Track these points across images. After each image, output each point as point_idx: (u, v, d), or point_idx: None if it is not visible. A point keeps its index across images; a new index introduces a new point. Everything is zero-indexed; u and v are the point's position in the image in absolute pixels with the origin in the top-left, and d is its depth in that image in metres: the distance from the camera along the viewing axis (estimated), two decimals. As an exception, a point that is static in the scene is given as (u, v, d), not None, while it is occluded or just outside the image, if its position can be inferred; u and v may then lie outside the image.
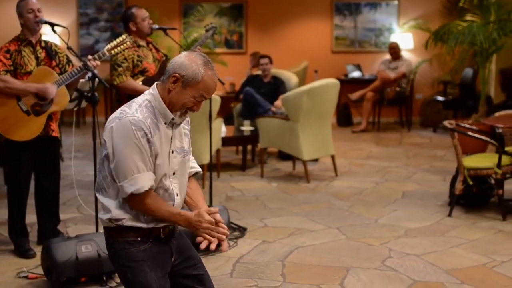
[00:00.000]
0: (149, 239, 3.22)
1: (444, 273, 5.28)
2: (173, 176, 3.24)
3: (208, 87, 3.13)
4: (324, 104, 8.52)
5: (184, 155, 3.28)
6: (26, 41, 5.68)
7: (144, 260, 3.19)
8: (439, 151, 10.72)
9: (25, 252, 5.71)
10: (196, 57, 3.14)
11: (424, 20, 13.60)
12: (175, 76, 3.12)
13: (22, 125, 5.56)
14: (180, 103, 3.14)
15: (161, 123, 3.16)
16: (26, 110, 5.57)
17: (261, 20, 14.40)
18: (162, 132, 3.16)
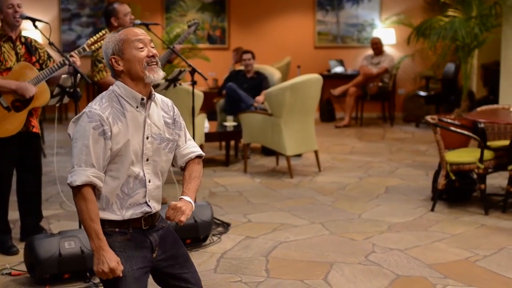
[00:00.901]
0: (129, 230, 3.19)
1: (427, 268, 5.30)
2: (146, 162, 3.20)
3: (131, 34, 3.20)
4: (307, 99, 8.53)
5: (160, 142, 3.24)
6: (5, 36, 5.63)
7: (120, 251, 3.14)
8: (421, 146, 10.75)
9: (8, 249, 5.68)
10: (106, 38, 3.27)
11: (406, 16, 13.62)
12: (112, 59, 3.19)
13: (2, 121, 5.52)
14: (135, 66, 3.16)
15: (129, 110, 3.16)
16: (6, 106, 5.54)
17: (244, 16, 14.39)
18: (130, 119, 3.14)
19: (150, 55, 3.17)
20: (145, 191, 3.21)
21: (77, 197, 3.09)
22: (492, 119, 7.35)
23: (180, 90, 7.16)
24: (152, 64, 3.18)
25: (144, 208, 3.21)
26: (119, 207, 3.17)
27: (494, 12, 10.03)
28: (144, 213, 3.21)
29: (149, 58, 3.17)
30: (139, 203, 3.20)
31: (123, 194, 3.17)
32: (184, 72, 6.53)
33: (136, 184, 3.18)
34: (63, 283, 4.98)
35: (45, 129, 10.87)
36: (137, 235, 3.21)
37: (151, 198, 3.24)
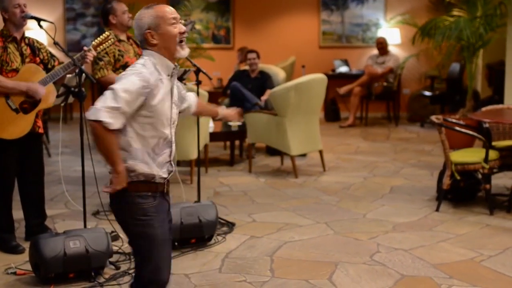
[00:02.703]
0: (157, 194, 3.51)
1: (432, 268, 5.30)
2: (173, 125, 3.56)
3: (165, 12, 3.45)
4: (311, 99, 8.52)
5: (178, 108, 3.66)
6: (10, 37, 5.61)
7: (154, 215, 3.47)
8: (426, 146, 10.74)
9: (13, 248, 5.68)
10: (139, 13, 3.49)
11: (411, 15, 13.61)
12: (147, 33, 3.44)
13: (11, 123, 5.52)
14: (171, 41, 3.45)
15: (164, 77, 3.46)
16: (15, 108, 5.54)
17: (249, 15, 14.39)
18: (165, 86, 3.45)
19: (182, 31, 3.47)
20: (171, 151, 3.56)
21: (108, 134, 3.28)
22: (497, 119, 7.34)
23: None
24: (182, 40, 3.48)
25: (168, 166, 3.55)
26: (152, 162, 3.46)
27: (499, 12, 10.00)
28: (169, 172, 3.56)
29: (181, 35, 3.47)
30: (165, 161, 3.53)
31: (153, 154, 3.47)
32: (189, 72, 6.53)
33: (164, 144, 3.51)
34: (68, 282, 4.98)
35: (50, 129, 10.88)
36: (161, 199, 3.55)
37: (172, 159, 3.59)
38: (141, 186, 3.45)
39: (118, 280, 5.04)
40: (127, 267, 5.26)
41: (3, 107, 5.51)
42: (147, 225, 3.46)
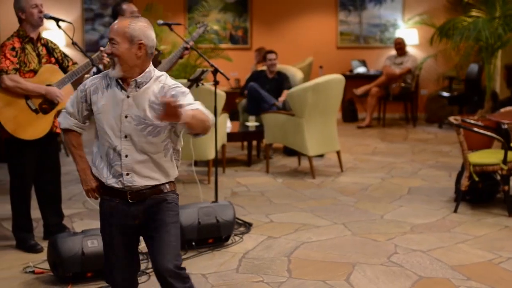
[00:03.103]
0: (115, 199, 3.56)
1: (450, 269, 5.27)
2: (125, 138, 3.46)
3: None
4: (329, 99, 8.51)
5: (139, 124, 3.45)
6: (27, 37, 5.63)
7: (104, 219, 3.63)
8: (444, 147, 10.70)
9: (31, 247, 5.71)
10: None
11: (429, 16, 13.57)
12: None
13: (31, 124, 5.55)
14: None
15: (113, 87, 3.49)
16: (34, 109, 5.57)
17: (266, 16, 14.39)
18: (110, 94, 3.49)
19: (107, 52, 3.49)
20: (120, 164, 3.48)
21: (64, 133, 3.68)
22: (516, 120, 7.29)
23: (202, 90, 7.17)
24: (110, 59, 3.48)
25: (121, 179, 3.50)
26: (107, 171, 3.54)
27: (518, 12, 9.96)
28: (123, 185, 3.50)
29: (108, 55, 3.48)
30: (118, 173, 3.50)
31: (107, 161, 3.53)
32: (207, 72, 6.55)
33: (115, 155, 3.49)
34: (85, 281, 5.00)
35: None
36: (122, 206, 3.55)
37: (130, 171, 3.49)
38: (102, 188, 3.61)
39: (135, 280, 5.04)
40: (144, 267, 5.27)
41: (23, 108, 5.53)
42: (102, 227, 3.68)
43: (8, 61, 5.44)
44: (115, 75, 3.44)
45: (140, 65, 3.44)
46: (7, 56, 5.46)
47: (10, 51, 5.49)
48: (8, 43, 5.53)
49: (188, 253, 5.57)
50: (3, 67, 5.43)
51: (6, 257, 5.61)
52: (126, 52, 3.40)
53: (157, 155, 3.51)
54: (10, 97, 5.49)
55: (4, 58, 5.45)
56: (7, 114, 5.49)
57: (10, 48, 5.51)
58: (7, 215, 6.47)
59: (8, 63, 5.44)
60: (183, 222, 5.53)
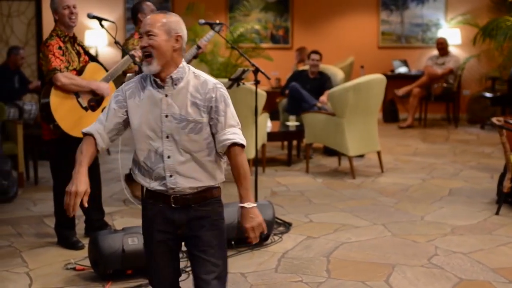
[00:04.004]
0: (159, 203, 3.42)
1: (491, 272, 5.22)
2: (166, 139, 3.34)
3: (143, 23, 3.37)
4: (370, 99, 8.48)
5: (180, 122, 3.32)
6: (66, 37, 5.70)
7: (150, 222, 3.47)
8: (486, 148, 10.59)
9: (73, 244, 5.78)
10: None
11: (472, 15, 13.45)
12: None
13: (82, 121, 5.61)
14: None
15: (150, 87, 3.37)
16: (85, 107, 5.65)
17: (307, 15, 14.37)
18: (147, 95, 3.36)
19: (141, 46, 3.34)
20: (163, 166, 3.35)
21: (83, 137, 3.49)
22: (560, 122, 7.19)
23: (243, 90, 7.19)
24: (145, 55, 3.32)
25: (164, 181, 3.36)
26: (148, 176, 3.41)
27: None
28: (165, 187, 3.36)
29: (142, 49, 3.33)
30: (160, 175, 3.36)
31: (147, 167, 3.38)
32: (248, 72, 6.57)
33: (156, 158, 3.36)
34: (125, 279, 5.04)
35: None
36: (165, 210, 3.41)
37: (173, 173, 3.35)
38: (146, 190, 3.51)
39: (175, 278, 5.07)
40: (183, 265, 5.30)
41: (75, 106, 5.61)
42: (144, 230, 3.56)
43: (58, 60, 5.52)
44: (151, 70, 3.30)
45: (175, 60, 3.34)
46: (56, 55, 5.53)
47: (57, 50, 5.56)
48: (54, 43, 5.59)
49: (228, 252, 5.57)
50: (55, 66, 5.50)
51: (48, 254, 5.69)
52: (164, 44, 3.28)
53: (200, 154, 3.35)
54: (62, 95, 5.56)
55: (54, 57, 5.51)
56: (62, 112, 5.55)
57: (57, 47, 5.58)
58: (49, 212, 6.57)
59: (59, 62, 5.51)
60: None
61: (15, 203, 7.35)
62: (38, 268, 5.34)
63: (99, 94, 5.69)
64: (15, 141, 7.99)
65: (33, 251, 5.75)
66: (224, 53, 12.33)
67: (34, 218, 6.74)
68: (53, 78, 5.48)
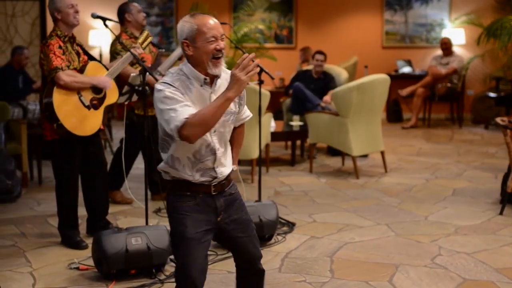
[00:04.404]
0: (199, 194, 3.55)
1: (495, 272, 5.21)
2: (214, 133, 3.52)
3: (205, 26, 3.43)
4: (374, 99, 8.47)
5: (225, 115, 3.52)
6: (66, 37, 5.70)
7: (186, 215, 3.53)
8: (490, 148, 10.58)
9: (77, 244, 5.78)
10: (183, 18, 3.52)
11: (476, 15, 13.44)
12: (184, 43, 3.46)
13: (85, 120, 5.63)
14: (203, 56, 3.44)
15: (195, 86, 3.47)
16: (87, 105, 5.65)
17: (311, 15, 14.37)
18: (195, 93, 3.46)
19: (218, 48, 3.44)
20: (215, 158, 3.55)
21: (190, 129, 3.33)
22: None
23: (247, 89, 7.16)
24: (217, 59, 3.45)
25: (212, 173, 3.56)
26: (191, 168, 3.53)
27: None
28: (212, 178, 3.56)
29: (215, 54, 3.43)
30: (208, 167, 3.54)
31: (194, 158, 3.51)
32: (251, 72, 6.56)
33: (207, 151, 3.52)
34: (129, 278, 5.04)
35: (113, 127, 11.07)
36: (205, 199, 3.56)
37: (219, 165, 3.58)
38: (179, 185, 3.56)
39: (178, 278, 5.08)
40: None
41: (77, 104, 5.61)
42: (178, 223, 3.55)
43: (59, 59, 5.52)
44: (221, 70, 3.51)
45: None
46: (57, 54, 5.53)
47: (58, 49, 5.57)
48: (54, 42, 5.59)
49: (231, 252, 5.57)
50: (57, 65, 5.50)
51: (51, 253, 5.69)
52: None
53: (228, 142, 3.67)
54: (65, 94, 5.56)
55: (55, 56, 5.52)
56: (65, 112, 5.55)
57: (58, 46, 5.58)
58: (53, 212, 6.57)
59: (60, 61, 5.52)
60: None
61: (19, 203, 7.36)
62: (42, 267, 5.35)
63: (101, 88, 5.69)
64: (19, 141, 8.00)
65: (37, 251, 5.76)
66: (228, 53, 12.33)
67: (38, 218, 6.75)
68: (56, 77, 5.48)
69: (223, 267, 5.28)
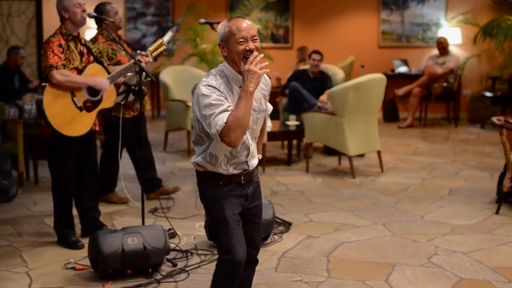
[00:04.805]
0: (231, 183, 3.78)
1: (491, 271, 5.22)
2: (248, 130, 3.73)
3: (236, 29, 3.62)
4: (370, 99, 8.48)
5: (258, 113, 3.79)
6: (70, 36, 5.71)
7: (223, 199, 3.76)
8: (487, 148, 10.59)
9: (73, 244, 5.77)
10: (221, 23, 3.73)
11: (473, 15, 13.45)
12: (219, 45, 3.72)
13: (75, 121, 5.62)
14: (234, 57, 3.64)
15: (236, 88, 3.67)
16: (79, 106, 5.64)
17: (308, 15, 14.37)
18: (236, 95, 3.65)
19: (248, 49, 3.62)
20: (248, 153, 3.80)
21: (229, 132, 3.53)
22: (560, 121, 7.19)
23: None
24: (248, 57, 3.60)
25: (244, 166, 3.80)
26: (226, 163, 3.75)
27: None
28: (243, 170, 3.80)
29: (247, 52, 3.62)
30: (241, 161, 3.78)
31: (230, 155, 3.73)
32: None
33: (242, 148, 3.75)
34: (125, 278, 5.04)
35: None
36: (237, 187, 3.80)
37: (250, 157, 3.82)
38: (212, 176, 3.77)
39: (174, 277, 5.08)
40: (184, 265, 5.30)
41: (69, 104, 5.61)
42: (218, 209, 3.76)
43: (56, 57, 5.52)
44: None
45: None
46: (55, 52, 5.54)
47: (57, 48, 5.58)
48: (55, 40, 5.61)
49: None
50: (52, 63, 5.51)
51: (47, 253, 5.68)
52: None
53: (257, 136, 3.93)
54: (57, 93, 5.57)
55: (52, 54, 5.53)
56: (54, 110, 5.56)
57: (57, 44, 5.60)
58: (49, 212, 6.57)
59: (57, 59, 5.52)
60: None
61: (15, 203, 7.35)
62: (38, 267, 5.34)
63: (98, 90, 5.68)
64: (15, 141, 7.99)
65: (33, 251, 5.75)
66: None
67: (34, 218, 6.74)
68: (49, 75, 5.50)
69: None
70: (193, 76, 10.58)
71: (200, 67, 11.65)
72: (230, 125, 3.49)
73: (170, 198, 7.39)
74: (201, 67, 11.66)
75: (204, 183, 3.84)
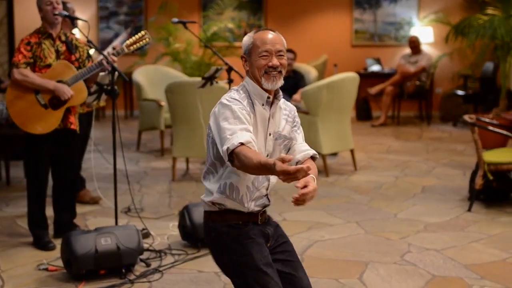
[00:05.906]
0: (249, 223, 3.34)
1: (464, 268, 5.26)
2: (266, 157, 3.31)
3: (260, 41, 3.35)
4: (343, 98, 8.50)
5: (277, 139, 3.39)
6: (46, 34, 5.69)
7: (253, 239, 3.30)
8: (459, 146, 10.66)
9: (45, 245, 5.73)
10: (250, 32, 3.45)
11: (445, 14, 13.53)
12: (242, 57, 3.42)
13: (39, 118, 5.58)
14: (256, 70, 3.31)
15: (258, 105, 3.32)
16: (44, 104, 5.60)
17: (281, 14, 14.38)
18: (258, 114, 3.31)
19: (270, 65, 3.30)
20: (268, 184, 3.41)
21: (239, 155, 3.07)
22: (531, 119, 7.26)
23: (216, 88, 7.17)
24: (270, 73, 3.30)
25: (264, 201, 3.41)
26: (248, 199, 3.33)
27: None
28: (263, 206, 3.40)
29: (267, 69, 3.30)
30: (262, 195, 3.39)
31: (253, 187, 3.33)
32: (221, 70, 6.55)
33: (263, 178, 3.36)
34: (99, 279, 5.01)
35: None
36: (255, 228, 3.35)
37: (270, 190, 3.44)
38: (229, 215, 3.33)
39: (148, 278, 5.06)
40: (157, 265, 5.29)
41: (32, 102, 5.57)
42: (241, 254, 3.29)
43: (21, 55, 5.51)
44: (277, 85, 3.33)
45: None
46: (21, 50, 5.55)
47: (25, 46, 5.58)
48: (25, 38, 5.63)
49: (201, 251, 5.57)
50: (14, 61, 5.54)
51: (20, 254, 5.64)
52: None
53: None
54: (20, 90, 5.56)
55: (18, 52, 5.55)
56: (17, 107, 5.56)
57: (26, 42, 5.59)
58: (21, 213, 6.53)
59: (21, 57, 5.51)
60: (196, 220, 5.54)
61: (-14, 204, 7.29)
62: (11, 269, 5.29)
63: (57, 96, 5.62)
64: (-14, 141, 7.92)
65: (5, 252, 5.70)
66: (198, 51, 12.30)
67: (6, 219, 6.68)
68: (11, 72, 5.57)
69: (193, 267, 5.27)
70: (166, 76, 10.54)
71: (173, 66, 11.61)
72: (241, 155, 3.04)
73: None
74: (174, 66, 11.62)
75: (220, 224, 3.34)
